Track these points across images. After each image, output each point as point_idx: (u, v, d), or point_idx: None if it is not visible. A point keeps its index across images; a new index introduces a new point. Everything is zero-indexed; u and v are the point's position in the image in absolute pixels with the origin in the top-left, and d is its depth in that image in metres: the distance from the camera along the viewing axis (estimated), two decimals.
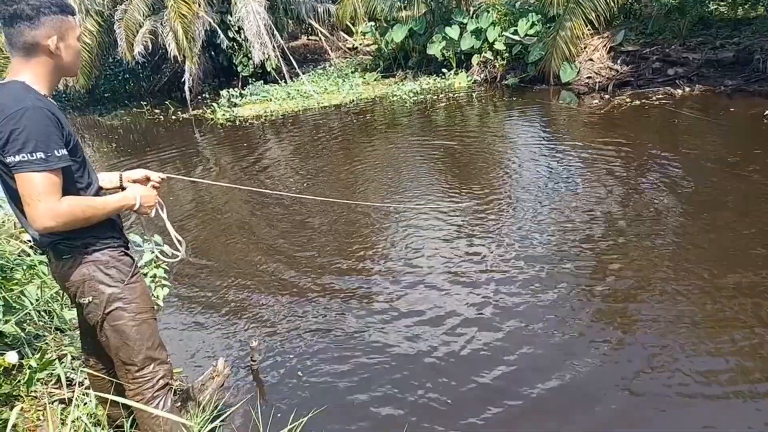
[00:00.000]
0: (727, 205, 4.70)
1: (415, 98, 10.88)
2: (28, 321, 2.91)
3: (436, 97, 10.78)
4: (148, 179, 2.20)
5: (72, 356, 2.88)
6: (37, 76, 1.77)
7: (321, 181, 6.69)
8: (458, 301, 3.73)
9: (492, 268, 4.08)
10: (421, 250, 4.51)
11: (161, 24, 12.08)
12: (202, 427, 2.36)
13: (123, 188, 2.16)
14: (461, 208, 5.11)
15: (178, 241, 2.31)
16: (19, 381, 2.48)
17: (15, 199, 1.82)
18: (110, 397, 1.88)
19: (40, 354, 2.50)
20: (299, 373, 3.21)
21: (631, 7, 11.04)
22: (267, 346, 3.48)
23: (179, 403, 2.66)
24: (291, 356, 3.37)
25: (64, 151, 1.71)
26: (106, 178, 2.14)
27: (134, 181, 2.18)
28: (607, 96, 9.13)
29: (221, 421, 2.43)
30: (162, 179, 2.22)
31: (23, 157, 1.64)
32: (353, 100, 11.46)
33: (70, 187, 1.77)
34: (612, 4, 9.43)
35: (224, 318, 3.88)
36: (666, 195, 5.00)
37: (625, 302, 3.51)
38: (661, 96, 8.68)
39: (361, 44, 16.28)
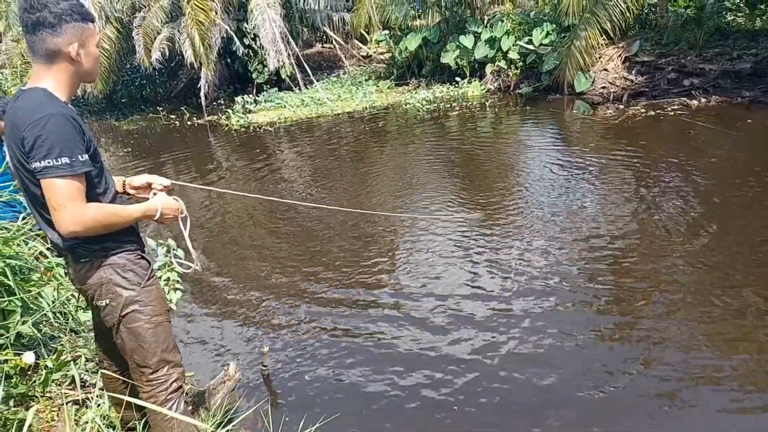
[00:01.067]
0: (747, 218, 4.63)
1: (428, 106, 10.90)
2: (44, 322, 2.95)
3: (449, 105, 10.80)
4: (149, 185, 2.18)
5: (86, 358, 2.92)
6: (59, 82, 1.81)
7: (333, 188, 6.71)
8: (470, 309, 3.72)
9: (504, 279, 4.06)
10: (433, 259, 4.50)
11: (178, 31, 12.26)
12: (214, 431, 2.37)
13: (126, 194, 2.18)
14: (473, 218, 5.08)
15: (192, 254, 2.30)
16: (34, 381, 2.51)
17: (36, 203, 1.86)
18: (124, 398, 1.90)
19: (56, 355, 2.53)
20: (310, 379, 3.21)
21: (646, 17, 11.01)
22: (278, 352, 3.49)
23: (191, 407, 2.67)
24: (302, 363, 3.37)
25: (87, 157, 1.75)
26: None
27: (136, 188, 2.18)
28: (621, 106, 9.09)
29: (233, 425, 2.44)
30: (166, 186, 2.20)
31: (49, 162, 1.67)
32: (366, 108, 11.51)
33: (89, 192, 1.80)
34: (627, 14, 9.40)
35: (236, 323, 3.90)
36: (681, 209, 4.93)
37: (645, 319, 3.46)
38: (676, 107, 8.62)
39: (375, 52, 16.38)
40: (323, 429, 2.53)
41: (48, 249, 3.06)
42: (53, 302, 2.89)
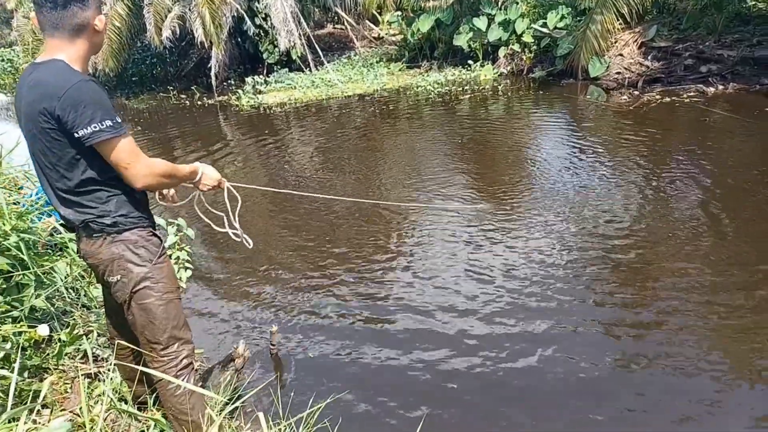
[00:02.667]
0: (762, 208, 4.56)
1: (440, 90, 10.80)
2: (57, 297, 2.99)
3: (461, 89, 10.69)
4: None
5: (98, 333, 2.95)
6: (79, 54, 1.84)
7: (342, 173, 6.68)
8: (476, 296, 3.72)
9: (512, 268, 4.04)
10: (441, 247, 4.47)
11: (189, 9, 12.18)
12: (222, 408, 2.41)
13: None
14: (483, 208, 5.01)
15: (235, 229, 2.41)
16: (48, 354, 2.55)
17: (53, 177, 1.87)
18: (136, 367, 1.94)
19: (69, 329, 2.57)
20: (319, 359, 3.24)
21: (664, 1, 10.77)
22: (286, 331, 3.52)
23: (201, 383, 2.71)
24: (310, 342, 3.40)
25: (121, 120, 1.82)
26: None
27: None
28: (636, 92, 8.95)
29: (241, 402, 2.47)
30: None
31: (95, 127, 1.73)
32: (377, 90, 11.43)
33: None
34: None
35: (244, 303, 3.93)
36: (695, 199, 4.88)
37: (652, 313, 3.45)
38: (692, 94, 8.47)
39: (386, 34, 16.21)
40: (331, 406, 2.55)
41: (61, 224, 3.09)
42: (66, 277, 2.92)
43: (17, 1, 16.46)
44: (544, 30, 10.66)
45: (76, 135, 1.73)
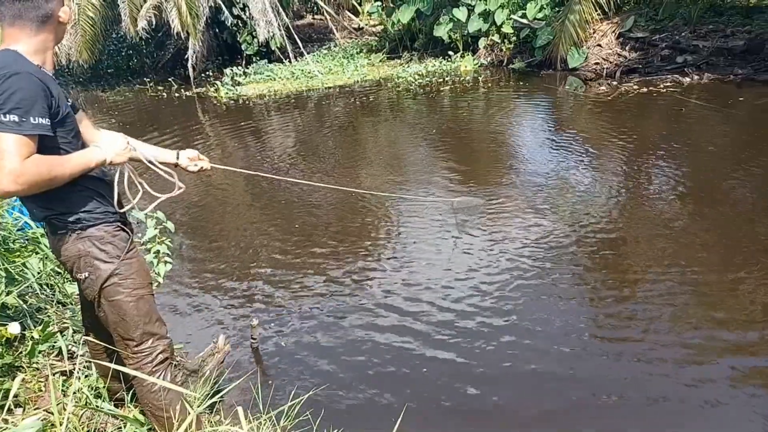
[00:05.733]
0: (738, 195, 4.66)
1: (421, 80, 10.78)
2: (30, 293, 2.92)
3: (441, 80, 10.68)
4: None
5: (73, 329, 2.90)
6: (40, 46, 1.77)
7: (322, 164, 6.65)
8: (453, 290, 3.73)
9: (490, 260, 4.06)
10: (421, 238, 4.48)
11: None
12: (201, 402, 2.38)
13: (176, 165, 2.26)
14: (462, 200, 4.94)
15: (169, 174, 2.19)
16: (21, 352, 2.50)
17: None
18: (111, 365, 1.89)
19: (42, 326, 2.51)
20: (299, 352, 3.23)
21: None
22: (267, 325, 3.50)
23: (179, 379, 2.67)
24: (291, 336, 3.38)
25: (44, 121, 1.67)
26: (159, 154, 2.21)
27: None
28: (614, 83, 9.04)
29: (220, 396, 2.45)
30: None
31: None
32: (358, 81, 11.36)
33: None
34: None
35: (225, 296, 3.90)
36: (672, 188, 4.95)
37: (625, 303, 3.50)
38: (669, 84, 8.59)
39: (367, 24, 16.11)
40: (312, 399, 2.54)
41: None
42: (39, 273, 2.85)
43: None
44: (524, 21, 10.70)
45: None
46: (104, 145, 1.94)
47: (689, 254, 3.81)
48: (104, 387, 2.30)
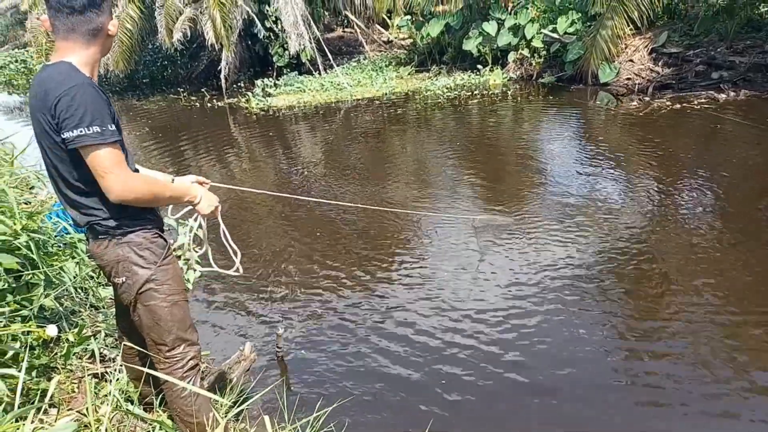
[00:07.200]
0: None
1: (449, 94, 10.80)
2: (65, 296, 3.00)
3: (469, 93, 10.68)
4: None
5: (106, 333, 2.97)
6: (89, 58, 1.84)
7: (349, 178, 6.64)
8: (481, 306, 3.69)
9: (517, 278, 4.01)
10: (447, 254, 4.45)
11: (201, 12, 12.27)
12: (228, 409, 2.41)
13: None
14: (487, 218, 4.89)
15: (234, 251, 2.39)
16: (56, 354, 2.56)
17: (58, 177, 1.88)
18: (142, 369, 1.93)
19: (78, 329, 2.57)
20: (324, 362, 3.23)
21: (675, 7, 10.72)
22: (292, 335, 3.52)
23: (207, 385, 2.71)
24: (317, 346, 3.40)
25: (114, 128, 1.78)
26: (160, 177, 2.25)
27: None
28: (646, 98, 8.89)
29: (247, 405, 2.47)
30: (205, 182, 2.37)
31: (80, 131, 1.70)
32: (386, 94, 11.44)
33: None
34: (656, 3, 9.17)
35: (251, 305, 3.94)
36: (706, 211, 4.78)
37: (658, 334, 3.41)
38: (703, 100, 8.41)
39: (396, 38, 16.24)
40: (337, 411, 2.54)
41: (70, 224, 3.11)
42: (75, 277, 2.93)
43: (31, 3, 16.64)
44: (554, 35, 10.64)
45: (62, 136, 1.72)
46: (203, 190, 2.13)
47: (725, 284, 3.64)
48: (135, 391, 2.35)
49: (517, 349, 3.20)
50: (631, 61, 9.86)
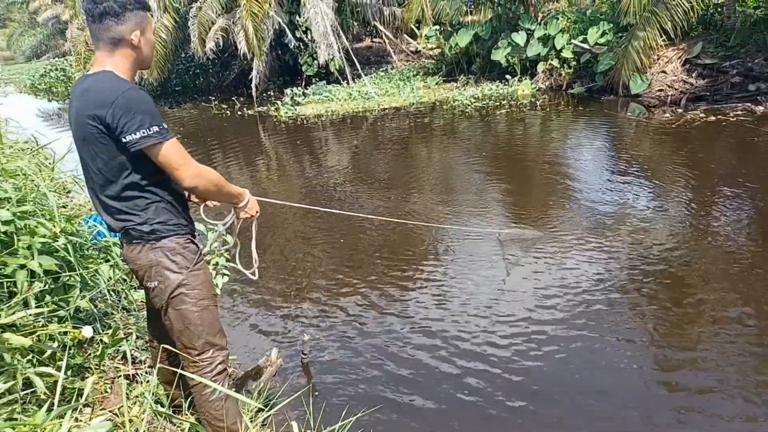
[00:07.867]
0: None
1: (477, 104, 10.76)
2: (99, 299, 3.08)
3: (498, 103, 10.63)
4: None
5: (137, 335, 3.03)
6: (121, 67, 1.90)
7: (375, 188, 6.65)
8: (508, 320, 3.65)
9: (545, 292, 3.93)
10: (473, 267, 4.40)
11: (233, 22, 12.54)
12: (254, 415, 2.43)
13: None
14: (514, 233, 4.81)
15: (255, 259, 2.50)
16: (90, 354, 2.63)
17: (95, 184, 1.93)
18: (176, 370, 1.97)
19: (112, 331, 2.64)
20: (350, 370, 3.24)
21: (711, 17, 10.50)
22: (319, 341, 3.54)
23: (234, 389, 2.74)
24: (342, 353, 3.40)
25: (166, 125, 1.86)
26: None
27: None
28: (679, 110, 8.71)
29: (274, 410, 2.49)
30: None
31: (144, 132, 1.78)
32: (413, 104, 11.47)
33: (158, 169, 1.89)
34: (690, 14, 8.99)
35: (278, 311, 3.98)
36: (742, 226, 4.63)
37: (690, 353, 3.32)
38: (739, 113, 8.20)
39: (424, 48, 16.30)
40: (363, 419, 2.54)
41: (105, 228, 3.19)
42: (108, 280, 3.01)
43: (72, 13, 17.24)
44: (585, 46, 10.54)
45: (123, 140, 1.78)
46: (248, 193, 2.24)
47: (764, 309, 3.48)
48: (164, 394, 2.39)
49: (550, 367, 3.14)
50: (664, 72, 9.68)
